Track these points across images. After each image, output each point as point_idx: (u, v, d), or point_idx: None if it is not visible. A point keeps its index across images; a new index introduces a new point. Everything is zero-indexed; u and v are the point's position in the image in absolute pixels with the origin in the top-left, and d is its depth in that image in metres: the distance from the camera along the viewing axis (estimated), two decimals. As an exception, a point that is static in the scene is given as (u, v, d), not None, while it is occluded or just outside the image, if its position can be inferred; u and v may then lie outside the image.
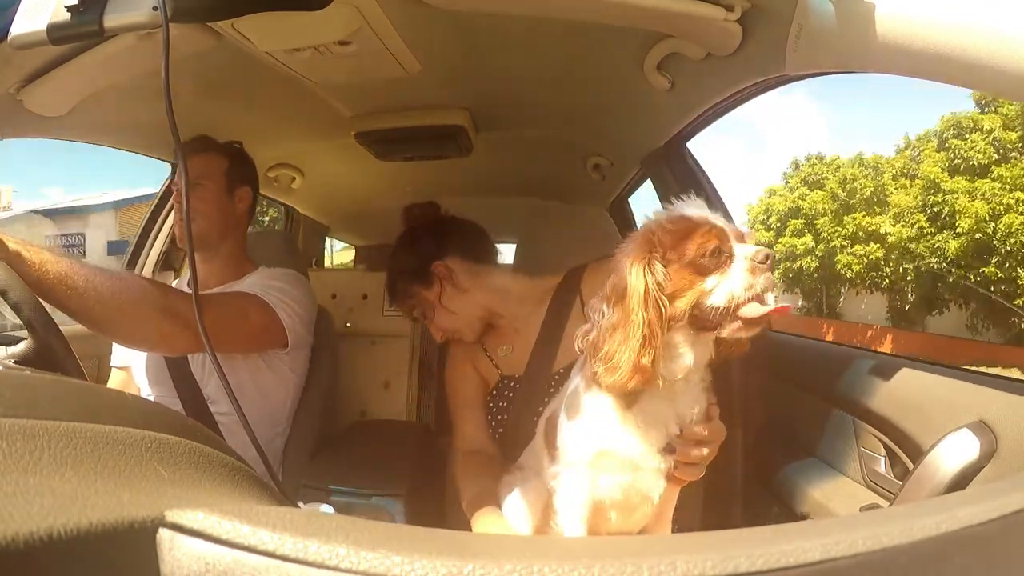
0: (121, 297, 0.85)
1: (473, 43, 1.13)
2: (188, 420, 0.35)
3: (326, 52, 1.02)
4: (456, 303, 1.02)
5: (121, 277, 0.90)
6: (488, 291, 1.03)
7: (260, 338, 1.14)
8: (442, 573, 0.22)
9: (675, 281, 0.63)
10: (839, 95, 42.97)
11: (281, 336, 1.15)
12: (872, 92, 37.60)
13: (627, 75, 1.17)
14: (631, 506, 0.73)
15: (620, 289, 0.63)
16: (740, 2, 0.82)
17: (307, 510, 0.30)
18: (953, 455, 0.67)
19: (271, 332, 1.14)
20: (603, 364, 0.63)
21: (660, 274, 0.62)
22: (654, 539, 0.55)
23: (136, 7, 0.61)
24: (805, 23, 0.76)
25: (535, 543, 0.32)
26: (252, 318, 1.11)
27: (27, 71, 0.95)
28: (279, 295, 1.14)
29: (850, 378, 0.92)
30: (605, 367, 0.63)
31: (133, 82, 1.02)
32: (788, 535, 0.25)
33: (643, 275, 0.62)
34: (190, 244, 0.65)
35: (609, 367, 0.62)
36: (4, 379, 0.31)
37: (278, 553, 0.22)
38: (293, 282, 1.22)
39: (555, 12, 0.93)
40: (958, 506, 0.27)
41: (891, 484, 0.81)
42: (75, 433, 0.26)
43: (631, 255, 0.64)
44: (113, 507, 0.22)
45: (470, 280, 1.02)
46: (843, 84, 38.70)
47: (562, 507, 0.70)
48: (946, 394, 0.75)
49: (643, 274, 0.62)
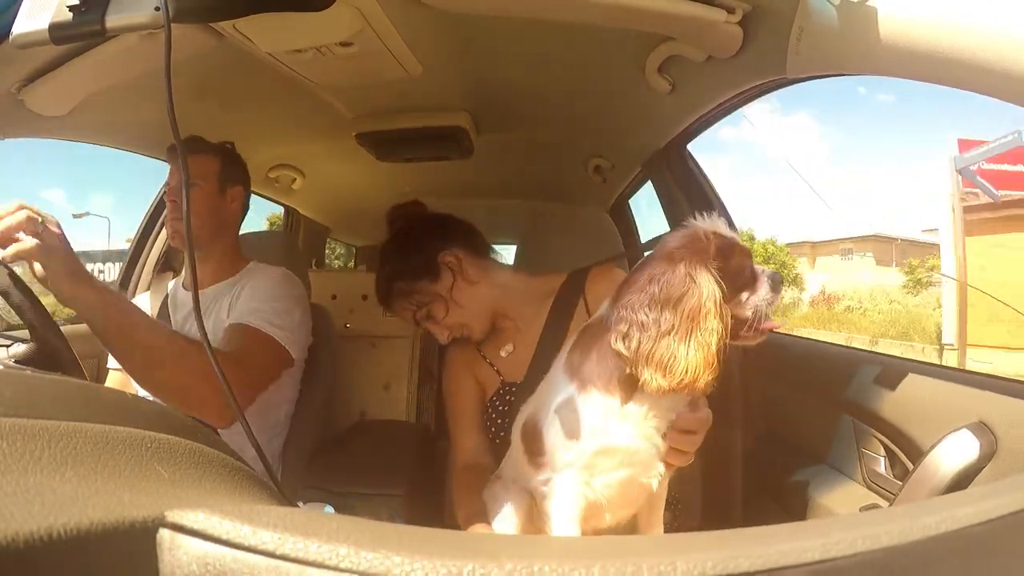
0: (172, 362, 0.86)
1: (475, 45, 1.14)
2: (188, 420, 0.35)
3: (328, 53, 1.02)
4: (466, 296, 0.98)
5: (173, 339, 0.90)
6: (495, 286, 1.01)
7: (273, 373, 1.15)
8: (442, 573, 0.22)
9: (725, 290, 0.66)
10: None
11: (288, 360, 1.16)
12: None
13: (628, 77, 1.17)
14: (629, 501, 0.73)
15: (679, 293, 0.63)
16: (741, 4, 0.82)
17: (307, 510, 0.30)
18: (953, 456, 0.67)
19: (280, 361, 1.15)
20: (659, 369, 0.62)
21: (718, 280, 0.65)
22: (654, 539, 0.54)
23: (138, 7, 0.61)
24: (806, 25, 0.77)
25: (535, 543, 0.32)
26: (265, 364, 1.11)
27: (28, 71, 0.95)
28: (272, 316, 1.13)
29: (849, 379, 0.92)
30: (662, 372, 0.62)
31: (134, 82, 1.02)
32: (788, 535, 0.25)
33: (713, 280, 0.64)
34: (189, 243, 0.65)
35: (670, 372, 0.62)
36: (4, 379, 0.31)
37: (278, 553, 0.22)
38: (285, 285, 1.21)
39: (556, 15, 0.93)
40: (958, 506, 0.27)
41: (891, 484, 0.81)
42: (75, 433, 0.26)
43: (687, 260, 0.65)
44: (113, 507, 0.22)
45: (478, 272, 1.00)
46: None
47: (556, 513, 0.69)
48: (946, 395, 0.75)
49: (712, 279, 0.64)
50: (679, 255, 0.66)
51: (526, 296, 1.03)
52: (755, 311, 0.68)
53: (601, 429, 0.68)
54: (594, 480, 0.69)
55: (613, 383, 0.67)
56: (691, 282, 0.63)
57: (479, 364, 1.03)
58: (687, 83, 1.12)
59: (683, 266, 0.64)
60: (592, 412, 0.68)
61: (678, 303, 0.63)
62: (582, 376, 0.70)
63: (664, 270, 0.65)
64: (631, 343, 0.64)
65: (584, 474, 0.69)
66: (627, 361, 0.64)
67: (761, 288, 0.68)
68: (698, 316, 0.62)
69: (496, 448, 0.97)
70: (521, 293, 1.03)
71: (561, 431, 0.69)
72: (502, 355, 1.02)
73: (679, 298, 0.63)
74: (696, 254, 0.65)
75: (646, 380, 0.63)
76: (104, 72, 0.99)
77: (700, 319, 0.62)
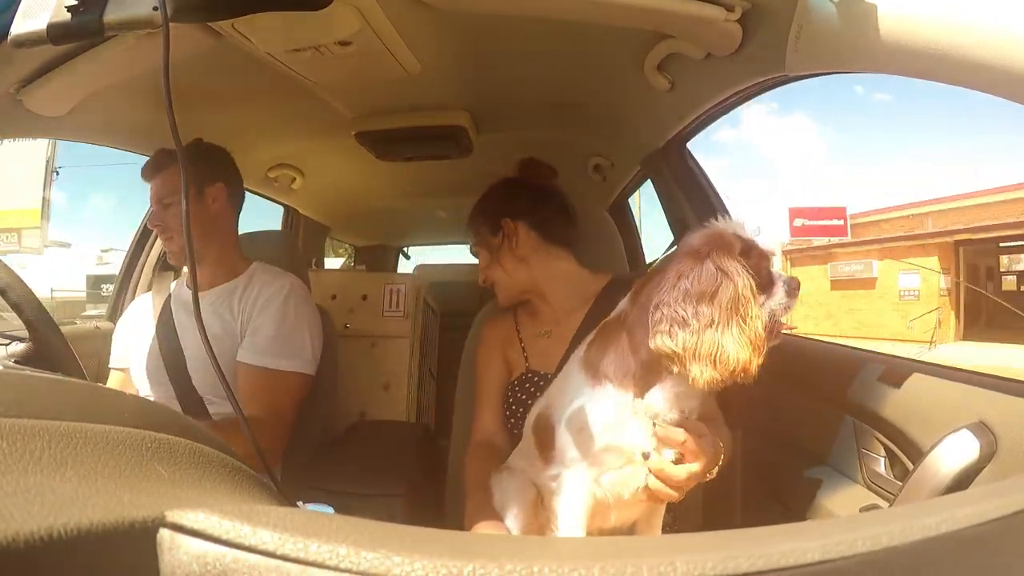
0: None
1: (474, 43, 1.13)
2: (188, 420, 0.34)
3: (327, 52, 1.02)
4: (509, 264, 1.03)
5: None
6: (543, 269, 1.04)
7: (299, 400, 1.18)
8: (442, 573, 0.22)
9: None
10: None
11: (309, 380, 1.20)
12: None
13: (627, 75, 1.17)
14: (634, 501, 0.73)
15: (715, 286, 0.64)
16: (740, 2, 0.82)
17: (307, 510, 0.30)
18: (953, 456, 0.67)
19: (302, 387, 1.19)
20: (708, 361, 0.63)
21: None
22: (654, 539, 0.55)
23: (136, 6, 0.61)
24: (805, 23, 0.76)
25: (535, 543, 0.32)
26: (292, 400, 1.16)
27: (27, 71, 0.95)
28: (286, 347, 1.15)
29: (849, 379, 0.92)
30: (713, 363, 0.62)
31: (133, 82, 1.02)
32: (788, 535, 0.25)
33: (745, 271, 0.65)
34: (190, 249, 0.65)
35: (721, 362, 0.62)
36: (4, 379, 0.31)
37: (278, 553, 0.22)
38: (292, 300, 1.20)
39: (556, 13, 0.93)
40: (958, 506, 0.27)
41: (891, 485, 0.81)
42: (75, 433, 0.26)
43: (713, 255, 0.65)
44: (113, 507, 0.22)
45: (530, 251, 1.03)
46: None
47: (563, 510, 0.70)
48: (946, 395, 0.75)
49: (745, 270, 0.65)
50: (705, 251, 0.66)
51: (573, 290, 1.04)
52: (771, 314, 0.68)
53: (612, 426, 0.68)
54: (602, 478, 0.69)
55: (628, 380, 0.68)
56: (723, 275, 0.64)
57: (512, 343, 1.05)
58: (686, 81, 1.12)
59: (711, 262, 0.65)
60: (605, 409, 0.68)
61: (714, 296, 0.63)
62: (598, 372, 0.70)
63: (692, 266, 0.66)
64: (676, 340, 0.63)
65: (593, 471, 0.69)
66: (673, 359, 0.64)
67: (778, 292, 0.69)
68: (738, 305, 0.63)
69: (510, 436, 0.98)
70: (570, 286, 1.04)
71: (573, 427, 0.70)
72: (536, 340, 1.04)
73: (714, 292, 0.63)
74: (723, 248, 0.66)
75: (695, 376, 0.63)
76: (103, 72, 0.99)
77: (741, 307, 0.63)
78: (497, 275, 1.05)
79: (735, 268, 0.65)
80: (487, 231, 1.05)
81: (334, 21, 0.91)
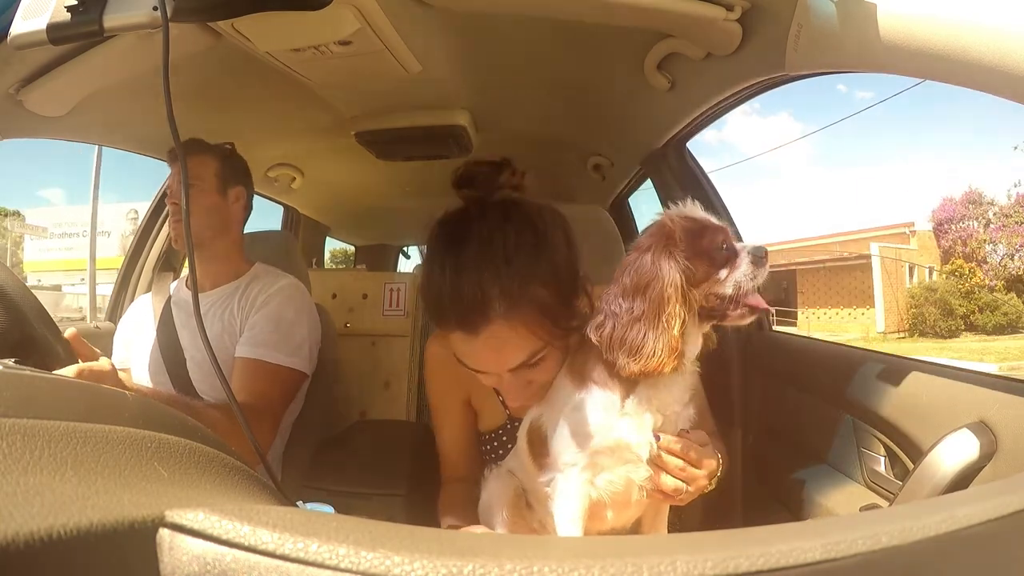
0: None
1: (473, 43, 1.13)
2: (188, 420, 0.34)
3: (326, 52, 1.02)
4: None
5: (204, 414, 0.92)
6: None
7: (291, 396, 1.19)
8: (442, 573, 0.22)
9: (695, 272, 0.67)
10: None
11: (303, 377, 1.20)
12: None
13: (627, 75, 1.17)
14: (630, 500, 0.73)
15: (646, 280, 0.65)
16: (740, 2, 0.82)
17: (307, 510, 0.30)
18: (953, 455, 0.67)
19: (296, 384, 1.19)
20: (629, 354, 0.64)
21: (683, 266, 0.66)
22: (654, 539, 0.54)
23: (136, 7, 0.61)
24: (805, 23, 0.76)
25: (535, 543, 0.32)
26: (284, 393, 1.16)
27: (27, 71, 0.95)
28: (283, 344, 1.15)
29: (850, 378, 0.91)
30: (632, 356, 0.64)
31: (133, 82, 1.02)
32: (788, 535, 0.25)
33: (674, 266, 0.65)
34: (189, 244, 0.65)
35: (638, 355, 0.63)
36: (4, 379, 0.31)
37: (278, 553, 0.22)
38: (292, 301, 1.21)
39: (555, 12, 0.93)
40: (958, 506, 0.27)
41: (891, 484, 0.81)
42: (75, 433, 0.26)
43: (653, 249, 0.66)
44: (113, 507, 0.22)
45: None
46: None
47: (559, 513, 0.69)
48: (946, 394, 0.75)
49: (674, 266, 0.65)
50: (646, 244, 0.68)
51: None
52: (736, 287, 0.67)
53: (602, 427, 0.68)
54: (596, 479, 0.69)
55: (612, 379, 0.68)
56: (656, 269, 0.65)
57: (482, 390, 0.89)
58: (686, 80, 1.12)
59: (650, 254, 0.66)
60: (594, 410, 0.68)
61: (646, 290, 0.65)
62: (583, 376, 0.70)
63: (634, 259, 0.67)
64: (604, 331, 0.66)
65: (587, 473, 0.69)
66: (602, 348, 0.66)
67: (741, 264, 0.67)
68: (661, 304, 0.64)
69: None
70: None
71: (566, 432, 0.70)
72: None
73: (647, 285, 0.65)
74: (660, 240, 0.67)
75: (620, 365, 0.65)
76: (102, 72, 0.99)
77: (663, 305, 0.64)
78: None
79: (667, 264, 0.65)
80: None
81: (334, 21, 0.91)
